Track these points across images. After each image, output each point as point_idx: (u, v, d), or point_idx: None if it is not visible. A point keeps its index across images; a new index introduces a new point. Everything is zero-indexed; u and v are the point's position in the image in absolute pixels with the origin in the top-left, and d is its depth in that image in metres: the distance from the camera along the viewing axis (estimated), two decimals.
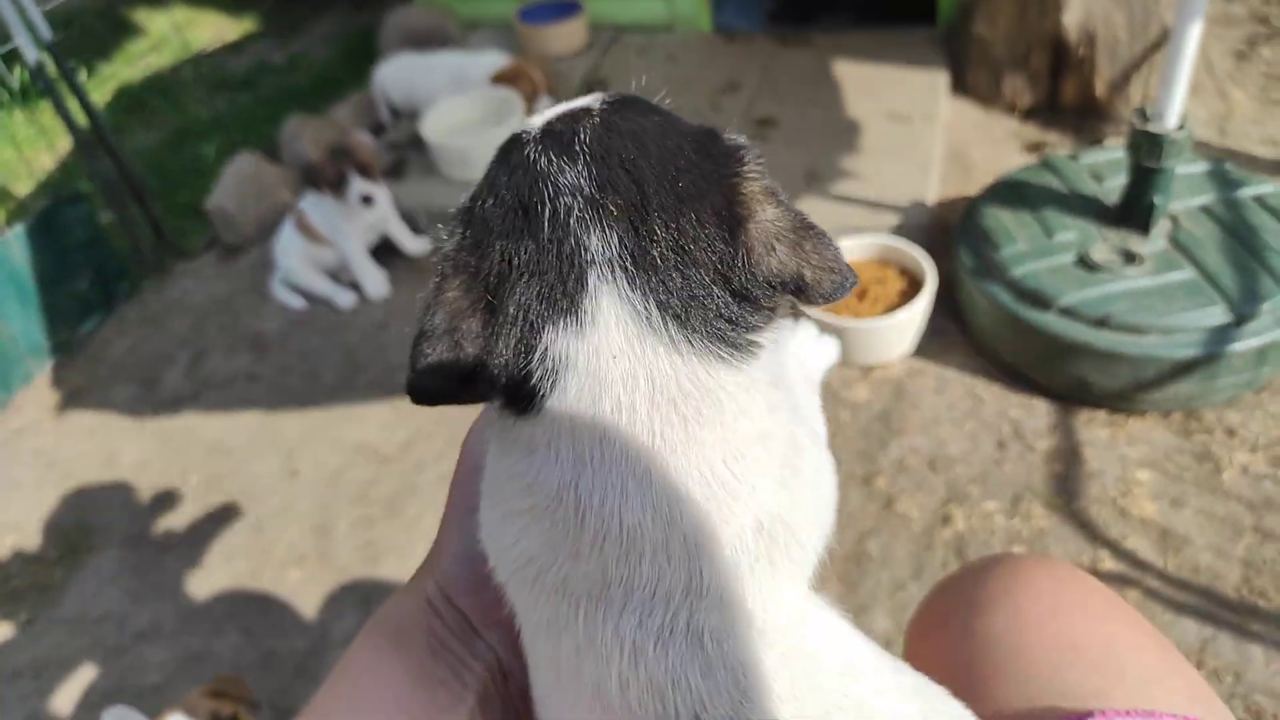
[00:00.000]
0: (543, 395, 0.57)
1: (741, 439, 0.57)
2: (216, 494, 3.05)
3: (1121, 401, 2.59)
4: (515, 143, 0.62)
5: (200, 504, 3.03)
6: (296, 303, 3.74)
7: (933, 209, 3.32)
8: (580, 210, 0.57)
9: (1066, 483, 2.48)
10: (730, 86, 4.22)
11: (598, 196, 0.57)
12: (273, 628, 2.62)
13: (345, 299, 3.68)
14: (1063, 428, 2.62)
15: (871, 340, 2.83)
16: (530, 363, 0.57)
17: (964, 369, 2.85)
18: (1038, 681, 0.75)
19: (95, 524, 3.05)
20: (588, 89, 4.31)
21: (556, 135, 0.60)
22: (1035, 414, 2.67)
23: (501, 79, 4.17)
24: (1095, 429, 2.60)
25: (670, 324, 0.56)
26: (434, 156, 3.92)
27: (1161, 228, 2.71)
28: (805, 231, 0.59)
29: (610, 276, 0.56)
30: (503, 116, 3.91)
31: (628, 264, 0.56)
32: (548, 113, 0.64)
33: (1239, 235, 2.65)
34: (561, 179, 0.57)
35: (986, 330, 2.80)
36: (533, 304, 0.57)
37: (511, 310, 0.57)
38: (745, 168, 0.60)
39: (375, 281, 3.67)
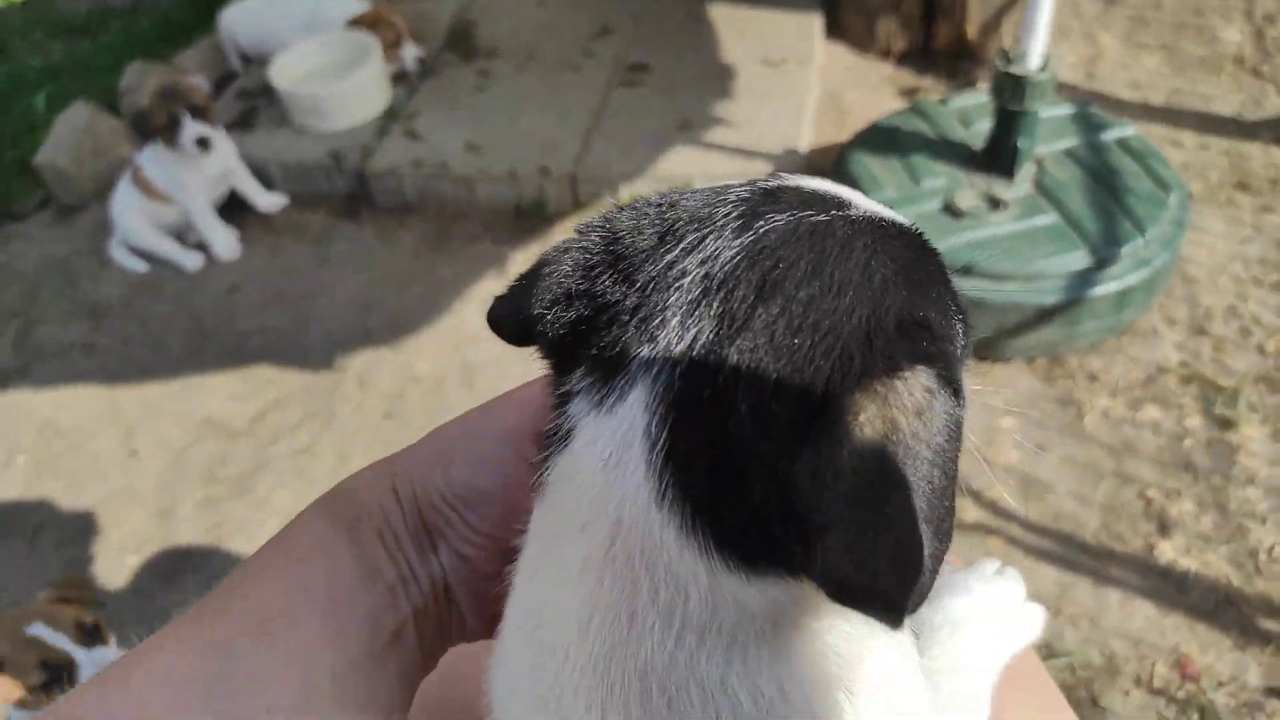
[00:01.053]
0: (553, 448, 0.49)
1: (698, 668, 0.44)
2: (48, 477, 2.81)
3: (987, 350, 2.57)
4: (756, 181, 0.52)
5: (29, 489, 2.78)
6: (138, 266, 3.46)
7: (807, 156, 3.25)
8: (690, 283, 0.46)
9: None
10: (603, 31, 4.04)
11: (714, 283, 0.45)
12: (110, 620, 2.43)
13: (192, 261, 3.42)
14: None
15: None
16: (560, 388, 0.50)
17: None
18: None
19: None
20: (455, 35, 4.10)
21: (765, 198, 0.49)
22: None
23: (360, 23, 3.91)
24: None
25: (670, 468, 0.44)
26: (285, 105, 3.66)
27: (1026, 172, 2.69)
28: (882, 496, 0.40)
29: (653, 373, 0.45)
30: (359, 62, 3.66)
31: (676, 374, 0.44)
32: (811, 181, 0.53)
33: (1101, 178, 2.65)
34: (710, 240, 0.47)
35: None
36: (582, 332, 0.49)
37: (567, 319, 0.50)
38: (897, 378, 0.42)
39: (224, 241, 3.41)
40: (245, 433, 2.83)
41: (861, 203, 0.52)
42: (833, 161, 2.97)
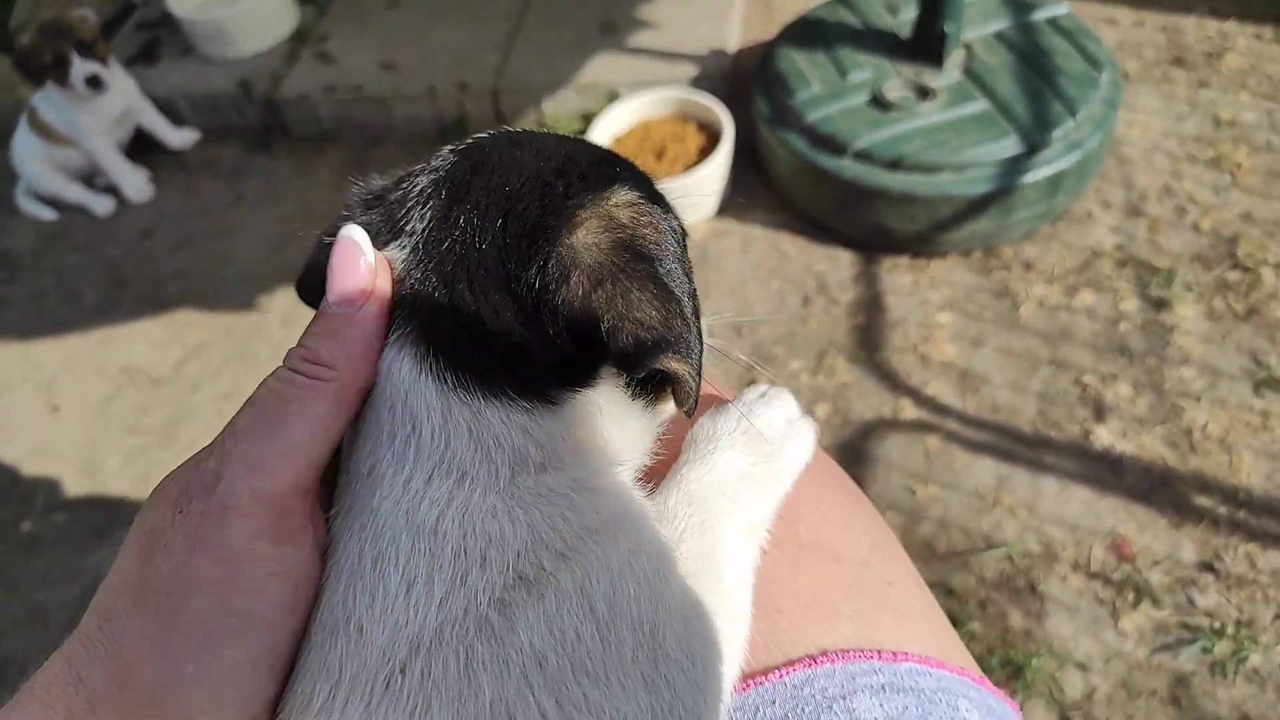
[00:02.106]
0: None
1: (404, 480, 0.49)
2: None
3: (923, 245, 2.52)
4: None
5: None
6: (47, 214, 3.31)
7: (734, 56, 3.12)
8: (422, 186, 0.54)
9: (869, 334, 2.41)
10: None
11: (439, 178, 0.54)
12: (40, 579, 2.37)
13: (103, 205, 3.27)
14: (866, 277, 2.55)
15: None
16: None
17: (769, 225, 2.72)
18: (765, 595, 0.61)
19: None
20: None
21: (480, 137, 0.59)
22: (840, 265, 2.59)
23: None
24: (898, 276, 2.54)
25: (416, 318, 0.50)
26: (188, 34, 3.46)
27: (956, 58, 2.60)
28: (625, 267, 0.48)
29: (404, 252, 0.52)
30: None
31: (419, 244, 0.52)
32: None
33: (1031, 61, 2.57)
34: (434, 160, 0.56)
35: (787, 181, 2.67)
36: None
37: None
38: (602, 193, 0.52)
39: (134, 182, 3.26)
40: (168, 380, 2.73)
41: None
42: (758, 60, 2.85)
